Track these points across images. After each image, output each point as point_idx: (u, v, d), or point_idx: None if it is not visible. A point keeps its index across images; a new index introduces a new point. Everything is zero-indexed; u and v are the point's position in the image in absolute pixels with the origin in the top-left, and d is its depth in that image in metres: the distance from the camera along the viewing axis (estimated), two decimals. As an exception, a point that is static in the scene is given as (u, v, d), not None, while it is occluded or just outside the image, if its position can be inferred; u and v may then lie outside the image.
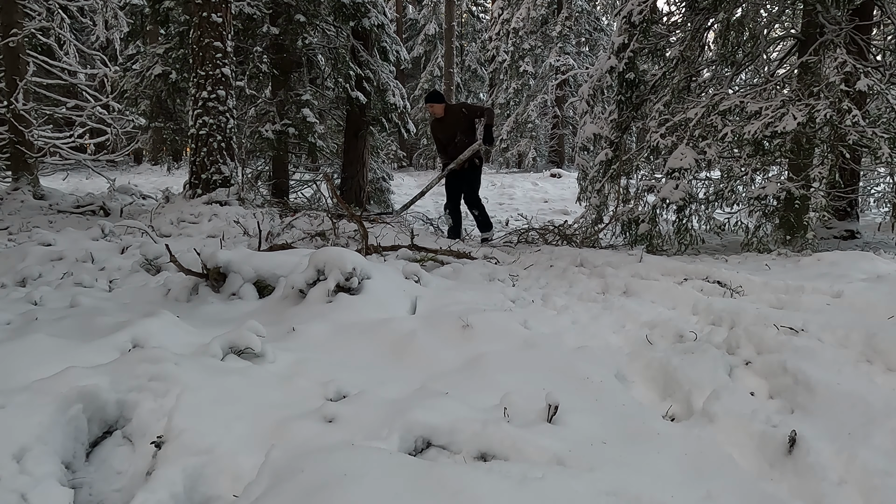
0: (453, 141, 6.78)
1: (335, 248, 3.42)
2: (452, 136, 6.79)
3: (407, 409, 1.79)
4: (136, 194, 11.20)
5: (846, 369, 2.12)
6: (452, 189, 7.01)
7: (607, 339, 2.91)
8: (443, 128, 6.87)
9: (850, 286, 3.21)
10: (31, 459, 1.50)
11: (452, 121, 6.84)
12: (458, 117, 6.86)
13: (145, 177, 19.50)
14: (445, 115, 6.86)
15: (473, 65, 32.99)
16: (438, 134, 6.95)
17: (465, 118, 6.86)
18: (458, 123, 6.83)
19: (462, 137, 6.80)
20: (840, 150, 5.37)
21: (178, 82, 9.89)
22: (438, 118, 6.89)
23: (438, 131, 6.94)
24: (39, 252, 4.77)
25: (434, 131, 7.05)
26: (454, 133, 6.80)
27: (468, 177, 6.96)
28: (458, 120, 6.84)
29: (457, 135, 6.79)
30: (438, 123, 6.91)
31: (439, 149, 7.02)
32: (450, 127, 6.82)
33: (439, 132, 6.93)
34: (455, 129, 6.81)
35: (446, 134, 6.84)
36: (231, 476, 1.61)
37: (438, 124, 6.92)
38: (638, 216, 5.97)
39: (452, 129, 6.81)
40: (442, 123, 6.87)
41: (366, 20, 9.97)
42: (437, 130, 6.97)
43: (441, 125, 6.89)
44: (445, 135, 6.84)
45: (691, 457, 1.66)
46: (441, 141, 6.90)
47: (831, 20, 5.78)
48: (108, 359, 2.12)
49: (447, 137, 6.83)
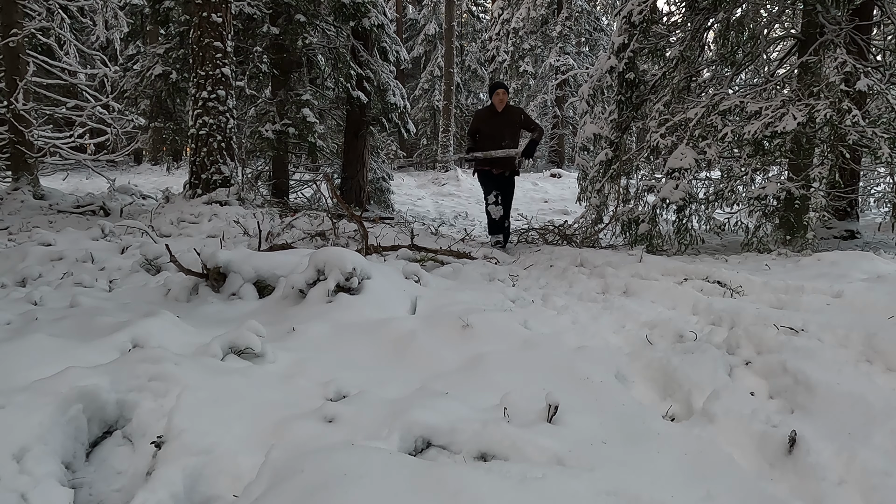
0: (499, 140, 6.40)
1: (335, 248, 3.42)
2: (500, 135, 6.41)
3: (407, 409, 1.79)
4: (136, 194, 11.21)
5: (846, 369, 2.11)
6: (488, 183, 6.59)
7: (607, 339, 2.91)
8: (494, 122, 6.45)
9: (850, 286, 3.21)
10: (31, 459, 1.50)
11: (507, 120, 6.47)
12: (514, 118, 6.53)
13: (145, 177, 19.50)
14: (504, 110, 6.48)
15: (473, 65, 32.97)
16: (485, 126, 6.50)
17: (519, 124, 6.55)
18: (512, 125, 6.50)
19: (509, 141, 6.47)
20: (840, 150, 5.37)
21: (178, 82, 9.89)
22: (493, 111, 6.47)
23: (487, 124, 6.50)
24: (39, 252, 4.77)
25: (480, 121, 6.60)
26: (503, 133, 6.43)
27: (506, 185, 6.60)
28: (513, 122, 6.51)
29: (505, 136, 6.44)
30: (491, 116, 6.49)
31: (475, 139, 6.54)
32: (502, 125, 6.44)
33: (487, 125, 6.49)
34: (506, 129, 6.46)
35: (494, 129, 6.42)
36: (231, 476, 1.61)
37: (490, 116, 6.50)
38: (638, 216, 5.97)
39: (503, 127, 6.44)
40: (495, 118, 6.46)
41: (366, 20, 9.97)
42: (485, 122, 6.53)
43: (493, 118, 6.46)
44: (493, 130, 6.43)
45: (691, 457, 1.66)
46: (484, 133, 6.46)
47: (831, 20, 5.78)
48: (108, 359, 2.12)
49: (494, 133, 6.41)
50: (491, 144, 6.40)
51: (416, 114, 29.70)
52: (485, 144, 6.45)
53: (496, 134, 6.45)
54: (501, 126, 6.46)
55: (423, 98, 31.21)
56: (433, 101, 30.56)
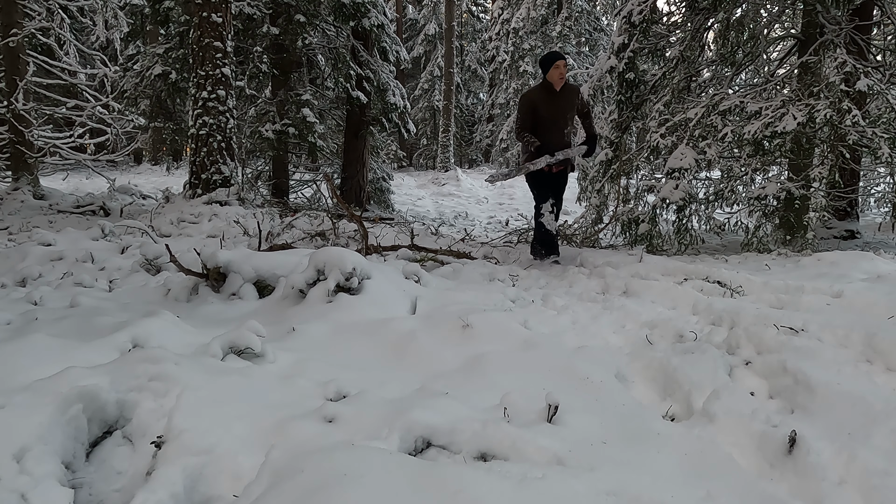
0: (561, 129, 5.14)
1: (335, 248, 3.42)
2: (562, 121, 5.13)
3: (407, 409, 1.79)
4: (136, 194, 11.21)
5: (846, 369, 2.12)
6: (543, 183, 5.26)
7: (607, 339, 2.91)
8: (553, 104, 5.08)
9: (850, 286, 3.21)
10: (31, 459, 1.50)
11: (568, 102, 5.16)
12: (574, 101, 5.21)
13: (145, 177, 19.50)
14: (564, 89, 5.12)
15: (473, 65, 32.99)
16: (542, 108, 5.06)
17: (578, 109, 5.29)
18: (572, 109, 5.20)
19: (570, 129, 5.25)
20: (840, 150, 5.37)
21: (178, 82, 9.90)
22: (549, 90, 5.07)
23: (545, 107, 5.07)
24: (39, 252, 4.78)
25: (534, 105, 5.09)
26: (565, 119, 5.15)
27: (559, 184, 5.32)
28: (573, 105, 5.21)
29: (567, 123, 5.17)
30: (548, 97, 5.07)
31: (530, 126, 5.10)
32: (562, 108, 5.13)
33: (546, 108, 5.07)
34: (567, 112, 5.16)
35: (553, 113, 5.08)
36: (231, 476, 1.61)
37: (548, 98, 5.07)
38: (638, 216, 5.98)
39: (565, 111, 5.14)
40: (553, 99, 5.07)
41: (366, 20, 9.97)
42: (542, 105, 5.07)
43: (551, 100, 5.07)
44: (553, 115, 5.08)
45: (691, 457, 1.66)
46: (542, 120, 5.07)
47: (831, 20, 5.78)
48: (108, 359, 2.12)
49: (554, 117, 5.08)
50: (549, 135, 5.07)
51: (416, 114, 29.72)
52: (542, 134, 5.08)
53: (558, 120, 5.12)
54: (563, 109, 5.14)
55: (423, 98, 31.22)
56: (433, 101, 30.57)
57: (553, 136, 5.07)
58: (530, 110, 5.10)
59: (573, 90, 5.24)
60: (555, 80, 5.04)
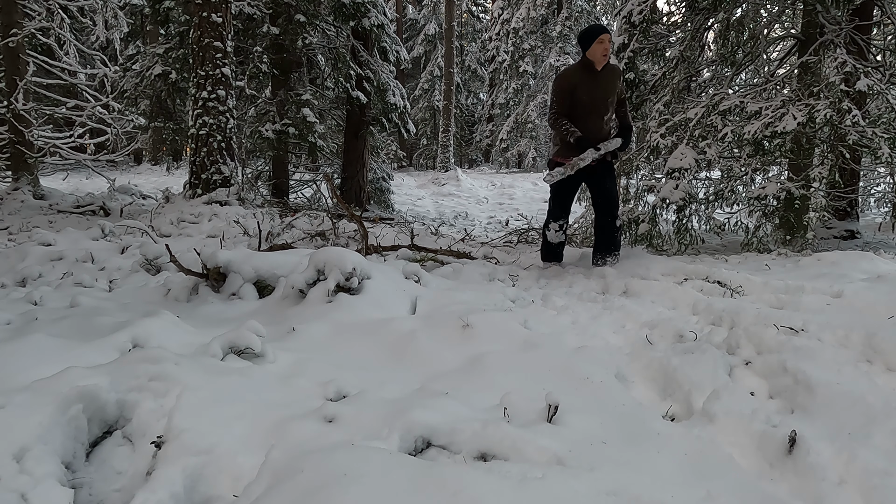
0: (601, 114, 4.45)
1: (335, 248, 3.42)
2: (602, 106, 4.44)
3: (407, 409, 1.79)
4: (136, 194, 11.22)
5: (846, 369, 2.11)
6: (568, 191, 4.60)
7: (607, 339, 2.91)
8: (594, 85, 4.39)
9: (850, 286, 3.21)
10: (31, 459, 1.50)
11: (610, 84, 4.45)
12: (616, 83, 4.50)
13: (145, 177, 19.51)
14: (605, 68, 4.42)
15: (473, 65, 33.01)
16: (581, 91, 4.36)
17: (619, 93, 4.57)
18: (613, 93, 4.49)
19: (610, 115, 4.57)
20: (840, 150, 5.37)
21: (178, 82, 9.91)
22: (589, 69, 4.37)
23: (584, 87, 4.36)
24: (39, 252, 4.78)
25: (573, 83, 4.37)
26: (605, 103, 4.44)
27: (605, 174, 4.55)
28: (614, 88, 4.49)
29: (608, 108, 4.48)
30: (588, 77, 4.37)
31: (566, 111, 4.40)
32: (604, 91, 4.42)
33: (584, 90, 4.36)
34: (608, 96, 4.45)
35: (593, 97, 4.39)
36: (231, 476, 1.61)
37: (588, 78, 4.37)
38: (638, 216, 5.98)
39: (605, 94, 4.43)
40: (594, 79, 4.38)
41: (366, 20, 9.98)
42: (581, 85, 4.36)
43: (591, 80, 4.38)
44: (592, 97, 4.38)
45: (691, 457, 1.66)
46: (581, 103, 4.37)
47: (831, 20, 5.78)
48: (108, 359, 2.12)
49: (594, 101, 4.40)
50: (587, 122, 4.40)
51: (416, 114, 29.74)
52: (581, 122, 4.40)
53: (598, 105, 4.43)
54: (605, 92, 4.44)
55: (423, 98, 31.24)
56: (433, 101, 30.60)
57: (592, 124, 4.40)
58: (568, 93, 4.37)
59: (615, 71, 4.53)
60: (597, 57, 4.32)
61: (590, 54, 4.35)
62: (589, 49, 4.34)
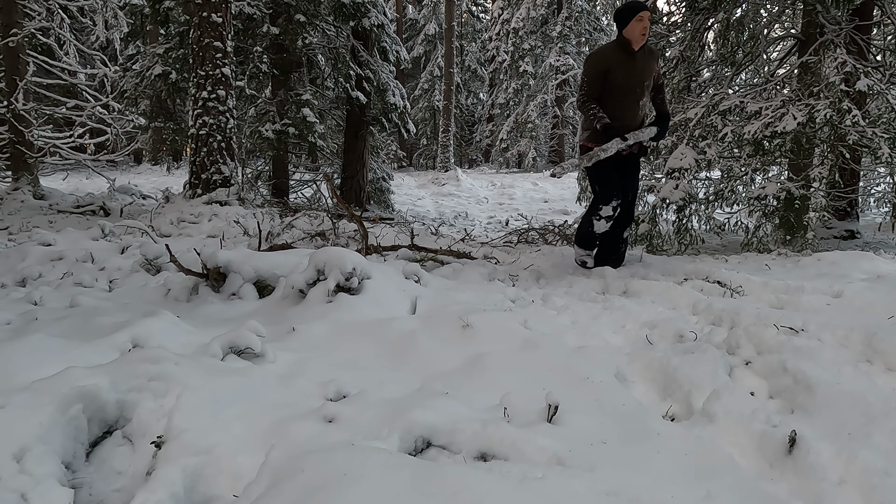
0: (637, 99, 4.10)
1: (335, 248, 3.42)
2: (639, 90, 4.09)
3: (407, 409, 1.79)
4: (136, 194, 11.22)
5: (846, 369, 2.11)
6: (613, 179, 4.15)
7: (607, 339, 2.91)
8: (631, 67, 4.04)
9: (850, 286, 3.21)
10: (31, 459, 1.50)
11: (647, 66, 4.11)
12: (653, 66, 4.16)
13: (145, 177, 19.51)
14: (643, 49, 4.07)
15: (473, 65, 33.02)
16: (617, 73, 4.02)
17: (656, 77, 4.23)
18: (650, 76, 4.14)
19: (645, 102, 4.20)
20: (840, 150, 5.37)
21: (178, 82, 9.91)
22: (626, 49, 4.02)
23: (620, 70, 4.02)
24: (39, 252, 4.78)
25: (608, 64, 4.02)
26: (642, 87, 4.10)
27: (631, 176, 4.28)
28: (651, 72, 4.14)
29: (644, 92, 4.13)
30: (626, 58, 4.02)
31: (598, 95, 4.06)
32: (640, 74, 4.08)
33: (621, 72, 4.02)
34: (645, 80, 4.11)
35: (629, 80, 4.04)
36: (231, 476, 1.61)
37: (626, 60, 4.02)
38: (638, 216, 5.98)
39: (642, 78, 4.09)
40: (631, 61, 4.03)
41: (366, 20, 9.98)
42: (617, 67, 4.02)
43: (629, 62, 4.03)
44: (628, 80, 4.04)
45: (691, 457, 1.66)
46: (617, 86, 4.03)
47: (831, 20, 5.79)
48: (108, 359, 2.12)
49: (630, 85, 4.05)
50: (621, 108, 4.07)
51: (416, 114, 29.74)
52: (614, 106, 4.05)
53: (634, 89, 4.09)
54: (641, 76, 4.09)
55: (423, 98, 31.24)
56: (433, 101, 30.60)
57: (626, 111, 4.06)
58: (601, 74, 4.01)
59: (653, 52, 4.17)
60: (635, 36, 3.95)
61: (627, 33, 3.98)
62: (626, 27, 3.97)
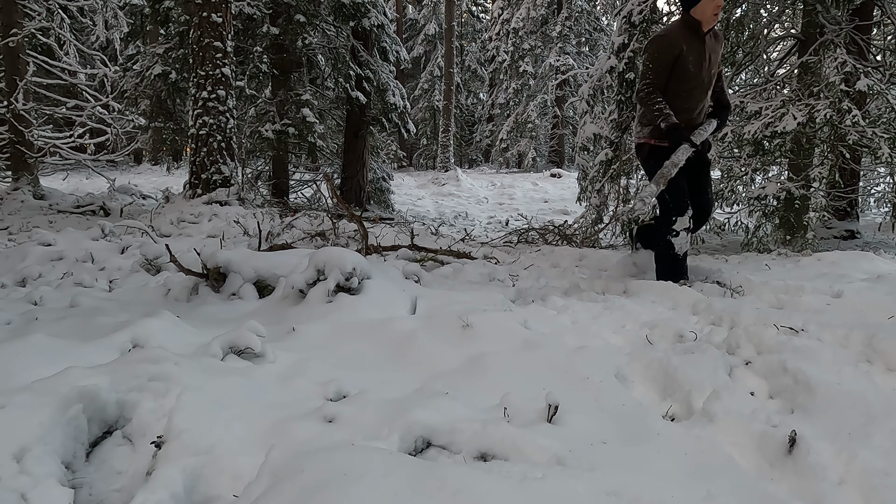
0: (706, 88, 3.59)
1: (335, 248, 3.42)
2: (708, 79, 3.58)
3: (407, 409, 1.79)
4: (136, 194, 11.22)
5: (846, 369, 2.11)
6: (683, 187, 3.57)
7: (607, 339, 2.91)
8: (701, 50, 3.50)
9: (850, 286, 3.21)
10: (31, 459, 1.50)
11: (716, 51, 3.61)
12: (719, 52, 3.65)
13: (145, 177, 19.51)
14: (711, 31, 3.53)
15: (473, 65, 33.02)
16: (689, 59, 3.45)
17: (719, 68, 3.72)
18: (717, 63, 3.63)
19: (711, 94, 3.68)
20: (840, 150, 5.37)
21: (178, 82, 9.91)
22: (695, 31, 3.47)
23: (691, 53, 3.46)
24: (39, 252, 4.78)
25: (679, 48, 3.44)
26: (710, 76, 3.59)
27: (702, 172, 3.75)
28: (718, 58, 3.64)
29: (713, 82, 3.63)
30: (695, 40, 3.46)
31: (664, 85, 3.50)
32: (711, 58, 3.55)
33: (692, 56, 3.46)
34: (712, 68, 3.58)
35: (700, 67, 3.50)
36: (231, 476, 1.61)
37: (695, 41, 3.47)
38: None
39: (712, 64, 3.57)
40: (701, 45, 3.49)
41: (366, 20, 9.98)
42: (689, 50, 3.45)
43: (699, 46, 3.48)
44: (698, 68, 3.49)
45: (691, 457, 1.66)
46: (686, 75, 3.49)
47: (831, 20, 5.78)
48: (108, 359, 2.12)
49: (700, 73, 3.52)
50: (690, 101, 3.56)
51: (416, 114, 29.74)
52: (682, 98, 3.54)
53: (704, 79, 3.56)
54: (713, 61, 3.57)
55: (423, 98, 31.24)
56: (433, 101, 30.59)
57: (695, 103, 3.53)
58: (671, 61, 3.43)
59: (719, 37, 3.63)
60: (707, 16, 3.38)
61: (697, 12, 3.40)
62: (696, 6, 3.39)
